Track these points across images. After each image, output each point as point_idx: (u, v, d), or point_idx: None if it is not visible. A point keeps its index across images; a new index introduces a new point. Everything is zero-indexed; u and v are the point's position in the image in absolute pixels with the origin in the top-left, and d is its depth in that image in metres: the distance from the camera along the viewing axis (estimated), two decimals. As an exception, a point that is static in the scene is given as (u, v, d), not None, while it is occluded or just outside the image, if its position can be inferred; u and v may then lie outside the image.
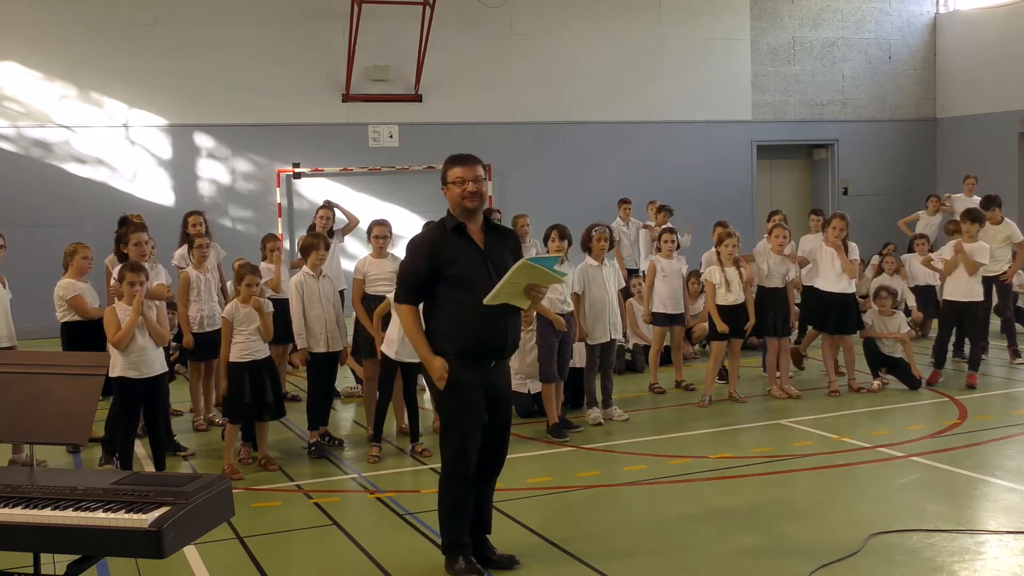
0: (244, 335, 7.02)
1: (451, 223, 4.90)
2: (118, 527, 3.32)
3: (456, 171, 4.87)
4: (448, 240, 4.85)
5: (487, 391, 4.93)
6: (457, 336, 4.81)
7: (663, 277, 9.47)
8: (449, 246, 4.83)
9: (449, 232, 4.88)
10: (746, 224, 16.52)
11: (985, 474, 6.62)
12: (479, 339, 4.81)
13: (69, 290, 7.63)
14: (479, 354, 4.85)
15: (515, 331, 5.01)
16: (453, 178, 4.87)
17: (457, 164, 4.89)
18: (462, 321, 4.78)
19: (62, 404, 3.83)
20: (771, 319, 9.14)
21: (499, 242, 5.00)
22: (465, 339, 4.80)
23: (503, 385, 5.08)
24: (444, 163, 4.98)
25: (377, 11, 15.21)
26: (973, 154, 18.60)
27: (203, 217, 9.34)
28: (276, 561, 5.36)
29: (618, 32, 17.49)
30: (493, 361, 4.93)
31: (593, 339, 8.22)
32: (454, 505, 4.97)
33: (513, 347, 5.02)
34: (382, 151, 16.20)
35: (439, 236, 4.88)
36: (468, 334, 4.79)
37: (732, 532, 5.63)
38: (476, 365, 4.86)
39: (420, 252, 4.87)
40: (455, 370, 4.83)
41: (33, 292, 9.81)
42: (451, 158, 4.96)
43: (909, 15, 19.76)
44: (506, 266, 4.77)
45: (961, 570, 4.97)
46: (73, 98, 14.76)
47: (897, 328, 9.40)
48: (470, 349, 4.82)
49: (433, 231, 4.96)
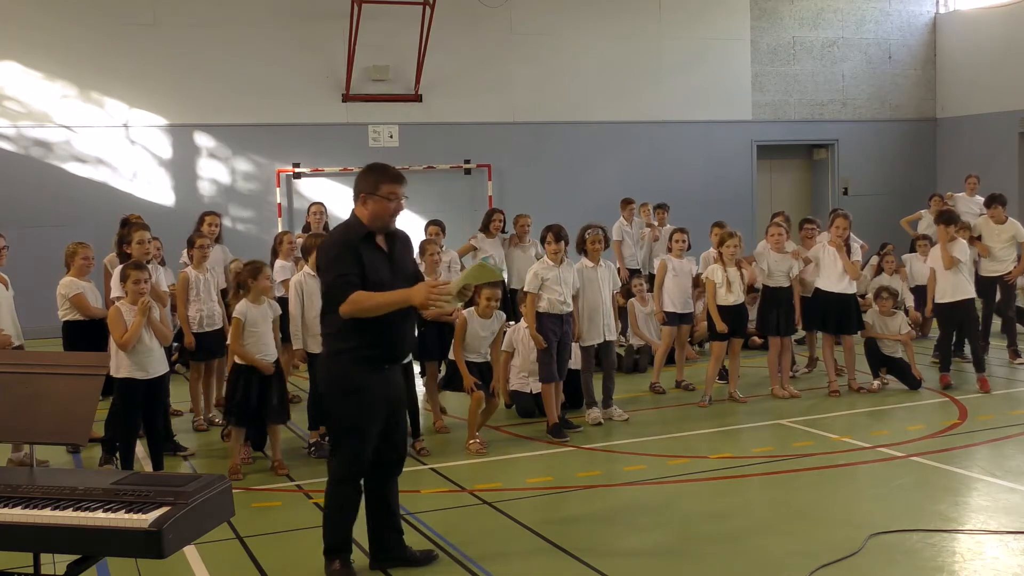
0: (254, 336, 7.00)
1: (362, 231, 4.86)
2: (118, 527, 3.32)
3: (390, 187, 4.84)
4: (362, 247, 4.84)
5: (385, 395, 4.94)
6: (364, 339, 4.80)
7: (673, 276, 9.48)
8: (363, 253, 4.82)
9: (361, 240, 4.86)
10: (746, 224, 16.51)
11: (985, 474, 6.62)
12: (380, 343, 4.84)
13: (71, 288, 7.64)
14: (379, 358, 4.87)
15: (412, 337, 5.13)
16: (387, 192, 4.84)
17: (391, 180, 4.86)
18: (369, 325, 4.77)
19: (62, 404, 3.83)
20: (775, 318, 9.14)
21: (401, 248, 5.06)
22: (371, 343, 4.81)
23: (399, 385, 5.11)
24: (372, 171, 4.93)
25: (377, 11, 15.20)
26: (973, 154, 18.60)
27: (219, 219, 9.37)
28: (276, 561, 5.37)
29: (618, 32, 17.49)
30: (387, 365, 4.94)
31: (587, 340, 8.22)
32: (341, 507, 5.03)
33: (408, 351, 5.16)
34: (382, 151, 16.18)
35: (356, 241, 4.84)
36: (374, 338, 4.81)
37: (732, 532, 5.63)
38: (374, 369, 4.88)
39: (343, 253, 4.79)
40: (354, 374, 4.85)
41: (34, 292, 9.80)
42: (383, 170, 4.93)
43: (909, 15, 19.75)
44: (408, 271, 4.95)
45: (961, 570, 4.97)
46: (73, 98, 14.76)
47: (898, 328, 9.39)
48: (371, 353, 4.84)
49: (348, 236, 4.89)
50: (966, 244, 9.30)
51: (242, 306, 7.08)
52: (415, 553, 5.23)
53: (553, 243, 7.91)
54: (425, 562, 5.20)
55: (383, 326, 4.80)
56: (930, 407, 8.69)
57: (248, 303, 7.07)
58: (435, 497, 6.49)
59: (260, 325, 7.03)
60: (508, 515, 5.98)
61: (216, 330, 8.39)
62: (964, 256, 9.10)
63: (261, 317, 7.05)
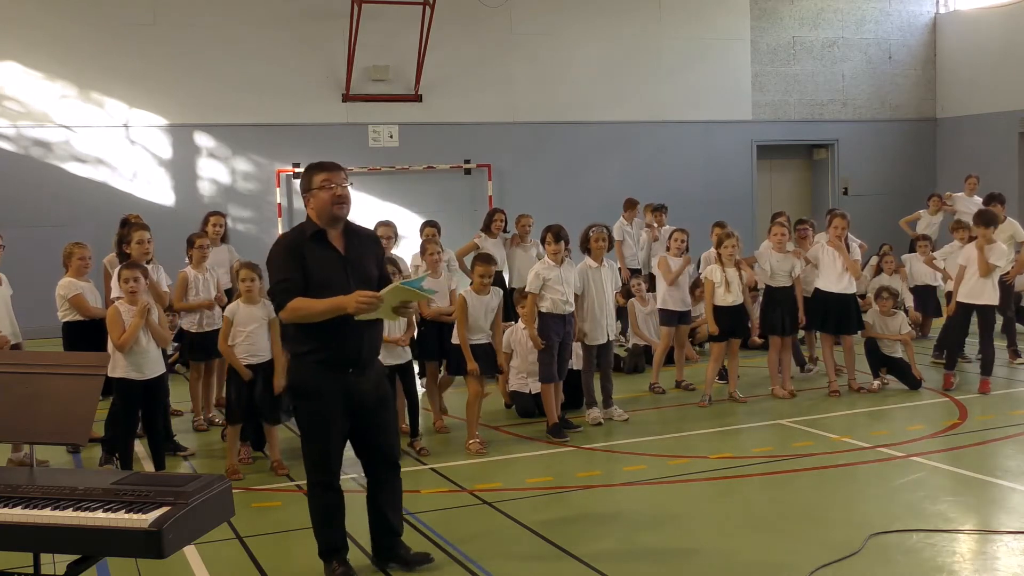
0: (243, 336, 6.99)
1: (311, 229, 4.83)
2: (118, 527, 3.32)
3: (322, 176, 4.80)
4: (307, 248, 4.78)
5: (346, 398, 4.87)
6: (316, 343, 4.77)
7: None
8: (309, 254, 4.75)
9: (308, 239, 4.80)
10: (746, 224, 16.52)
11: (985, 474, 6.61)
12: (335, 347, 4.78)
13: (70, 289, 7.65)
14: (335, 362, 4.82)
15: (372, 339, 4.99)
16: (320, 183, 4.78)
17: (322, 169, 4.83)
18: (320, 329, 4.72)
19: (62, 404, 3.83)
20: (778, 317, 9.14)
21: (360, 247, 4.95)
22: (322, 347, 4.77)
23: (370, 390, 4.97)
24: (306, 170, 4.92)
25: (377, 11, 15.20)
26: (973, 154, 18.60)
27: (225, 219, 9.37)
28: (276, 561, 5.37)
29: (618, 32, 17.49)
30: (350, 368, 4.87)
31: (590, 340, 8.22)
32: (323, 511, 5.03)
33: (370, 355, 4.98)
34: (382, 151, 16.19)
35: (300, 243, 4.81)
36: (325, 342, 4.76)
37: (732, 532, 5.64)
38: (333, 372, 4.82)
39: (286, 259, 4.78)
40: (311, 377, 4.83)
41: (33, 292, 9.80)
42: (313, 164, 4.91)
43: (909, 15, 19.75)
44: (367, 272, 4.81)
45: (961, 570, 4.97)
46: (73, 98, 14.76)
47: (898, 328, 9.39)
48: (326, 357, 4.79)
49: (293, 238, 4.89)
50: (1004, 248, 9.19)
51: (232, 306, 7.08)
52: (411, 554, 5.22)
53: (553, 243, 7.89)
54: (418, 564, 5.18)
55: (336, 330, 4.72)
56: (930, 407, 8.69)
57: (239, 303, 7.05)
58: (435, 497, 6.49)
59: (250, 325, 6.99)
60: (508, 515, 5.98)
61: (216, 330, 8.36)
62: (1001, 261, 9.02)
63: (252, 318, 7.01)
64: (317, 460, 4.96)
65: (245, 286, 7.04)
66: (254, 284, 7.05)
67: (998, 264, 8.98)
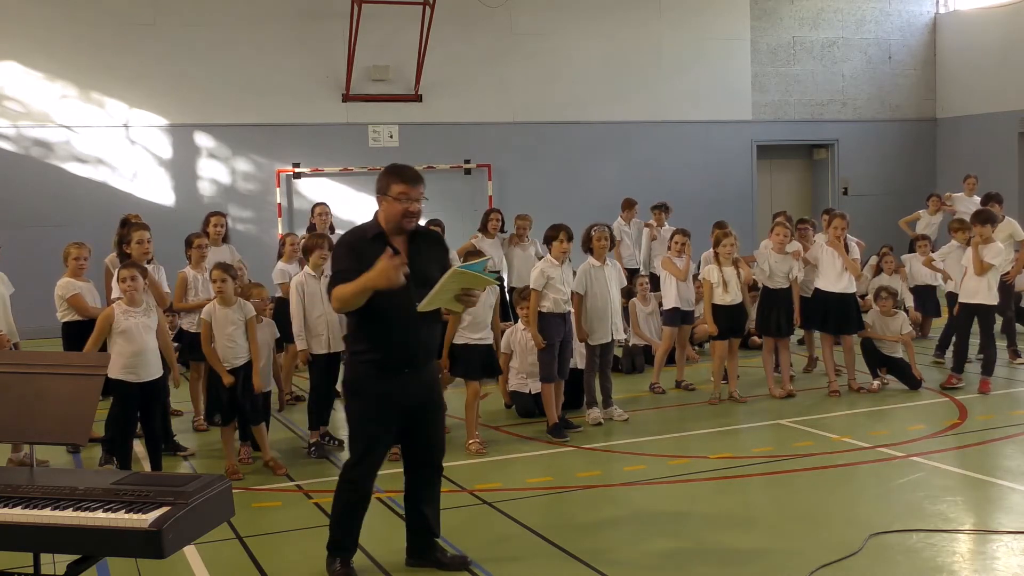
0: (222, 338, 6.96)
1: (373, 231, 4.83)
2: (118, 527, 3.32)
3: (400, 188, 4.76)
4: (368, 248, 4.74)
5: (396, 400, 4.86)
6: (370, 344, 4.78)
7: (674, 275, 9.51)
8: (369, 254, 4.70)
9: (370, 240, 4.79)
10: (746, 224, 16.53)
11: (985, 474, 6.62)
12: (388, 348, 4.78)
13: (68, 289, 7.65)
14: (389, 363, 4.81)
15: (428, 339, 4.97)
16: (397, 193, 4.76)
17: (402, 181, 4.77)
18: (375, 330, 4.73)
19: (62, 404, 3.83)
20: (774, 319, 9.14)
21: (424, 250, 4.92)
22: (375, 347, 4.78)
23: (419, 392, 4.96)
24: (386, 172, 4.85)
25: (377, 11, 15.20)
26: (973, 154, 18.59)
27: (225, 219, 9.37)
28: (276, 561, 5.36)
29: (618, 32, 17.48)
30: (405, 369, 4.86)
31: (595, 339, 8.21)
32: (345, 508, 5.02)
33: (426, 355, 4.97)
34: (382, 151, 16.18)
35: (359, 243, 4.81)
36: (378, 343, 4.77)
37: (732, 532, 5.64)
38: (385, 374, 4.82)
39: (346, 253, 4.81)
40: (364, 378, 4.85)
41: (33, 292, 9.81)
42: (397, 171, 4.83)
43: (909, 15, 19.75)
44: (429, 276, 4.72)
45: (961, 570, 4.97)
46: (73, 98, 14.75)
47: (899, 328, 9.39)
48: (380, 358, 4.80)
49: (354, 237, 4.90)
50: (1001, 247, 9.19)
51: (208, 307, 7.05)
52: (448, 556, 5.17)
53: (566, 242, 7.91)
54: (455, 567, 5.12)
55: (390, 330, 4.74)
56: (930, 407, 8.69)
57: (215, 304, 7.03)
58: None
59: (228, 328, 6.96)
60: (508, 515, 5.98)
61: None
62: (997, 260, 9.02)
63: (228, 320, 6.97)
64: (355, 459, 4.98)
65: (217, 287, 7.00)
66: (225, 285, 6.98)
67: (994, 263, 8.96)
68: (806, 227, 10.01)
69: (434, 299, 4.61)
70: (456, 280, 4.58)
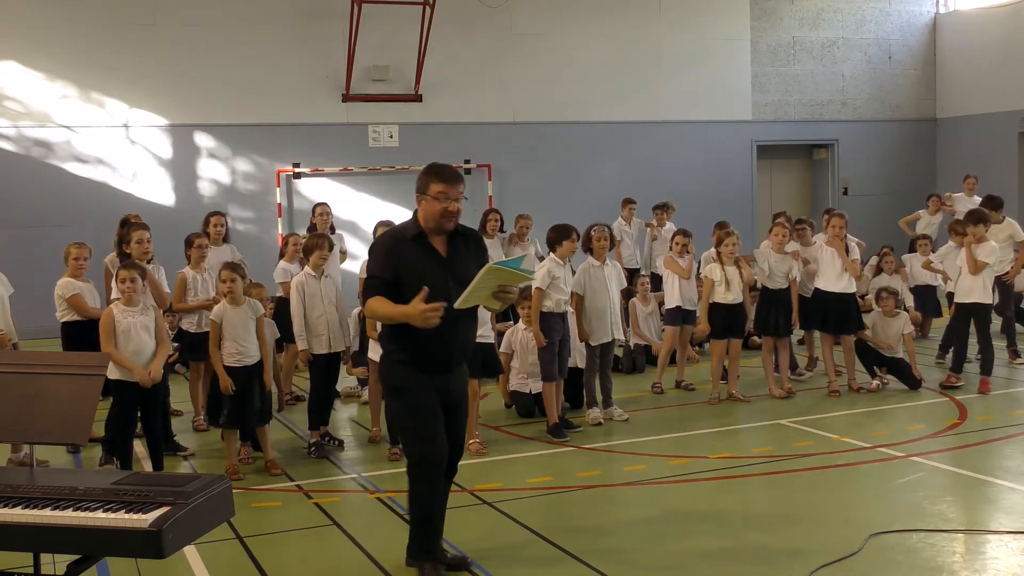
0: (232, 338, 6.96)
1: (413, 231, 4.80)
2: (118, 527, 3.32)
3: (439, 187, 4.74)
4: (407, 249, 4.74)
5: (439, 396, 4.85)
6: (409, 345, 4.73)
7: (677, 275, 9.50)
8: (408, 255, 4.71)
9: (409, 241, 4.77)
10: (746, 224, 16.51)
11: (985, 474, 6.61)
12: (430, 350, 4.74)
13: (68, 289, 7.65)
14: (429, 364, 4.79)
15: (464, 341, 4.93)
16: (436, 192, 4.74)
17: (441, 180, 4.75)
18: (414, 331, 4.65)
19: (62, 404, 3.83)
20: (773, 319, 9.14)
21: (464, 249, 4.90)
22: (416, 349, 4.74)
23: (456, 390, 4.98)
24: (426, 172, 4.82)
25: (377, 11, 15.20)
26: (973, 154, 18.59)
27: (225, 218, 9.37)
28: (276, 561, 5.36)
29: (618, 32, 17.48)
30: (443, 369, 4.85)
31: (595, 339, 8.22)
32: (424, 509, 4.92)
33: (460, 357, 4.94)
34: (382, 151, 16.19)
35: (397, 244, 4.78)
36: (420, 344, 4.72)
37: (732, 532, 5.64)
38: (424, 373, 4.80)
39: (382, 258, 4.77)
40: (407, 377, 4.80)
41: (33, 292, 9.80)
42: (436, 170, 4.81)
43: (909, 15, 19.75)
44: (468, 274, 4.68)
45: (961, 570, 4.97)
46: (73, 98, 14.76)
47: (899, 329, 9.38)
48: (421, 359, 4.76)
49: (393, 238, 4.85)
50: (995, 246, 9.21)
51: (219, 308, 7.04)
52: (448, 557, 5.14)
53: (577, 242, 7.92)
54: (455, 567, 5.09)
55: (422, 334, 4.63)
56: (930, 407, 8.69)
57: (225, 305, 7.03)
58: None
59: (237, 327, 6.97)
60: (508, 515, 5.98)
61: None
62: (991, 259, 9.03)
63: (238, 319, 6.97)
64: (418, 457, 4.84)
65: (227, 287, 7.00)
66: (235, 284, 7.00)
67: (987, 261, 8.97)
68: (804, 227, 10.01)
69: (470, 296, 4.57)
70: (493, 277, 4.54)
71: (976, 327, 9.17)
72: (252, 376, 6.99)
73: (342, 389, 9.53)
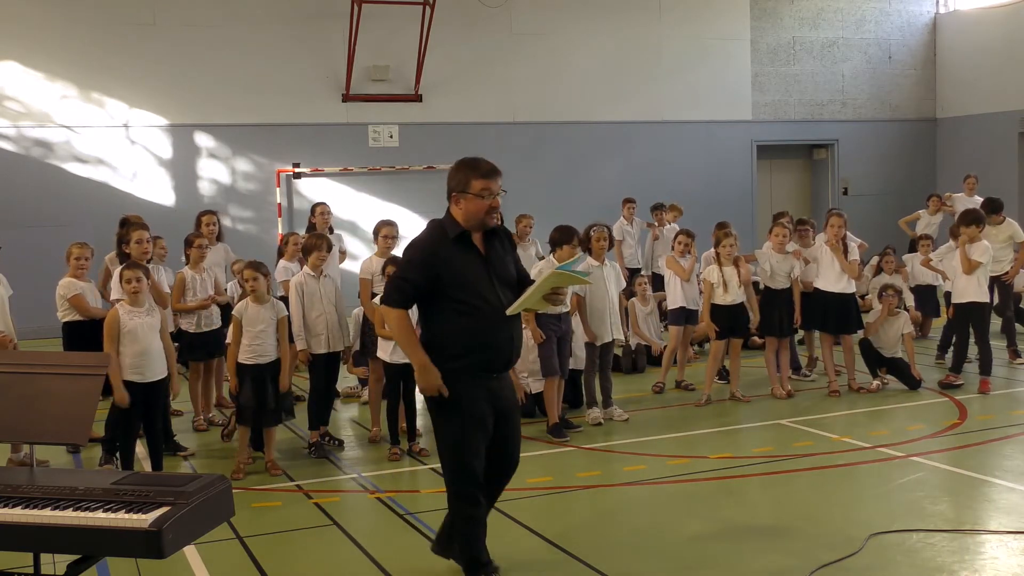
0: (250, 336, 6.97)
1: (454, 231, 4.62)
2: (118, 527, 3.32)
3: (481, 183, 4.59)
4: (450, 250, 4.58)
5: (491, 404, 4.71)
6: (461, 348, 4.57)
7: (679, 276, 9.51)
8: (453, 256, 4.58)
9: (452, 241, 4.61)
10: (746, 224, 16.53)
11: (985, 474, 6.61)
12: (484, 351, 4.61)
13: (70, 289, 7.65)
14: (483, 367, 4.65)
15: (519, 340, 4.83)
16: (479, 189, 4.58)
17: (481, 176, 4.60)
18: (467, 333, 4.56)
19: (62, 404, 3.83)
20: (776, 319, 9.14)
21: (499, 246, 4.78)
22: (470, 351, 4.58)
23: (508, 395, 4.85)
24: (462, 167, 4.68)
25: (377, 11, 15.21)
26: (973, 154, 18.60)
27: (217, 217, 9.37)
28: (276, 561, 5.36)
29: (618, 32, 17.49)
30: (496, 372, 4.73)
31: (595, 339, 8.21)
32: (468, 525, 4.76)
33: (516, 356, 4.85)
34: (382, 151, 16.20)
35: (442, 246, 4.60)
36: (473, 346, 4.58)
37: (732, 532, 5.64)
38: (479, 378, 4.65)
39: (420, 261, 4.60)
40: (458, 384, 4.59)
41: (33, 292, 9.81)
42: (473, 165, 4.66)
43: (909, 15, 19.75)
44: (508, 272, 4.62)
45: (961, 570, 4.97)
46: (74, 98, 14.76)
47: (900, 329, 9.38)
48: (475, 362, 4.60)
49: (435, 239, 4.66)
50: (988, 245, 9.21)
51: (241, 306, 7.05)
52: None
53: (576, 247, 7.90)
54: None
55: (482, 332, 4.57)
56: (930, 407, 8.69)
57: (248, 302, 7.04)
58: (435, 497, 6.48)
59: (258, 326, 6.98)
60: (508, 515, 5.97)
61: (214, 330, 8.40)
62: (985, 258, 9.03)
63: (259, 318, 6.99)
64: (458, 471, 4.69)
65: (250, 286, 7.01)
66: (259, 283, 7.00)
67: (981, 261, 8.97)
68: (806, 228, 9.99)
69: (527, 300, 4.55)
70: (553, 281, 4.52)
71: (973, 327, 9.17)
72: (266, 375, 6.98)
73: (342, 389, 9.53)
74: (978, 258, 8.95)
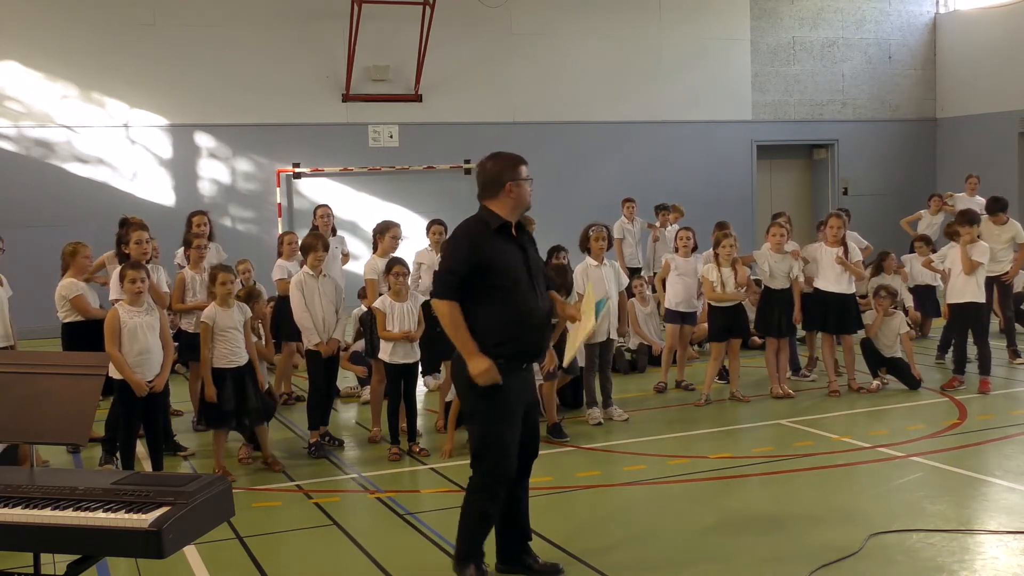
0: (225, 340, 6.96)
1: (496, 222, 4.68)
2: (118, 527, 3.32)
3: (525, 168, 4.74)
4: (492, 240, 4.65)
5: (521, 397, 4.76)
6: (500, 338, 4.60)
7: (678, 275, 9.51)
8: (494, 246, 4.63)
9: (493, 231, 4.67)
10: (746, 224, 16.53)
11: (985, 474, 6.62)
12: (521, 342, 4.66)
13: (71, 290, 7.64)
14: (519, 357, 4.70)
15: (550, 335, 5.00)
16: (525, 175, 4.73)
17: (523, 162, 4.75)
18: (506, 323, 4.60)
19: (62, 404, 3.83)
20: (775, 319, 9.14)
21: (528, 241, 4.89)
22: (508, 342, 4.62)
23: (531, 388, 4.97)
24: (501, 158, 4.76)
25: (377, 11, 15.21)
26: (973, 154, 18.59)
27: (207, 217, 9.36)
28: (276, 561, 5.37)
29: (618, 32, 17.49)
30: (526, 364, 4.79)
31: (594, 339, 8.21)
32: (480, 515, 4.75)
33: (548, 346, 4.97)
34: (382, 151, 16.20)
35: (482, 235, 4.67)
36: (511, 336, 4.62)
37: (732, 532, 5.64)
38: (513, 369, 4.68)
39: (464, 252, 4.65)
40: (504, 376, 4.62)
41: (33, 292, 9.80)
42: (512, 156, 4.77)
43: (909, 15, 19.75)
44: (540, 262, 4.81)
45: (961, 570, 4.97)
46: (74, 98, 14.76)
47: (897, 328, 9.39)
48: (512, 352, 4.65)
49: (479, 231, 4.70)
50: (986, 246, 9.20)
51: (210, 310, 7.03)
52: (540, 564, 5.01)
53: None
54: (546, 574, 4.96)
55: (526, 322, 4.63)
56: (930, 407, 8.69)
57: (215, 306, 7.02)
58: (435, 497, 6.49)
59: (228, 329, 6.96)
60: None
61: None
62: (984, 259, 9.02)
63: (229, 321, 6.97)
64: (489, 466, 4.67)
65: (225, 289, 7.00)
66: (233, 287, 7.07)
67: (981, 261, 8.97)
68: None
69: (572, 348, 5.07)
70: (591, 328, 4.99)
71: (971, 327, 9.17)
72: (245, 376, 6.99)
73: (342, 389, 9.53)
74: (978, 258, 8.95)
